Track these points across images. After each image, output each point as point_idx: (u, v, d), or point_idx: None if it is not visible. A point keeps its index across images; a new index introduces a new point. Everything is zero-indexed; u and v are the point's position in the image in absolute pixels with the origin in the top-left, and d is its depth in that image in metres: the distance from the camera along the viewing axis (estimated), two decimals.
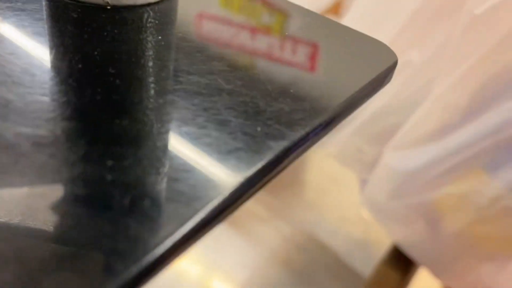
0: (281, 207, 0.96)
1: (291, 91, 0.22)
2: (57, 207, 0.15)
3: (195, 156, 0.18)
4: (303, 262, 0.88)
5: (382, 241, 0.94)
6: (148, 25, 0.26)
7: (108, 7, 0.26)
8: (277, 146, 0.19)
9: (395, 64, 0.27)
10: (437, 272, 0.58)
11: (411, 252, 0.60)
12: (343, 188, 1.03)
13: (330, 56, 0.26)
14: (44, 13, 0.25)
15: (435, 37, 0.48)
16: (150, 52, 0.23)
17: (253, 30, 0.26)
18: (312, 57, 0.25)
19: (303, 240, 0.90)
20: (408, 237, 0.58)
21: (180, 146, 0.18)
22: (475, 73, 0.44)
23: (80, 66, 0.21)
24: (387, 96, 0.54)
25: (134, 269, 0.13)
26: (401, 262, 0.85)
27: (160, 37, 0.25)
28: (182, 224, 0.15)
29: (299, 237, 0.91)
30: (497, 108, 0.43)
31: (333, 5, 0.85)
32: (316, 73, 0.24)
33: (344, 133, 0.61)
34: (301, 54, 0.25)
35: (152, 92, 0.21)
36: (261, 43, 0.26)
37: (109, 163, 0.16)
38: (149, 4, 0.27)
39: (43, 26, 0.24)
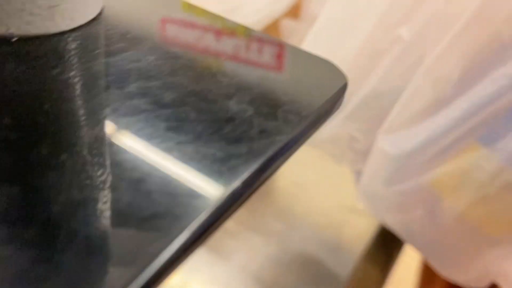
0: (250, 219, 0.93)
1: (225, 131, 0.19)
2: None
3: (105, 230, 0.14)
4: (276, 274, 0.85)
5: (355, 244, 0.93)
6: (64, 58, 0.22)
7: (13, 39, 0.22)
8: (205, 206, 0.16)
9: (345, 87, 0.24)
10: (440, 265, 0.56)
11: (413, 243, 0.57)
12: (312, 194, 1.01)
13: (270, 85, 0.23)
14: None
15: (424, 10, 0.46)
16: (61, 94, 0.20)
17: (181, 62, 0.23)
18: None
19: (275, 251, 0.88)
20: (408, 227, 0.55)
21: (87, 223, 0.15)
22: (463, 41, 0.42)
23: None
24: (378, 76, 0.51)
25: None
26: (379, 258, 0.84)
27: (74, 73, 0.21)
28: None
29: (270, 248, 0.88)
30: (491, 76, 0.41)
31: (292, 7, 0.83)
32: (254, 107, 0.21)
33: (336, 121, 0.58)
34: (238, 86, 0.22)
35: (54, 148, 0.17)
36: (193, 71, 0.23)
37: None
38: (64, 33, 0.24)
39: None
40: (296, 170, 1.05)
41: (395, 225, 0.57)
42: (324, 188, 1.00)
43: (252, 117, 0.20)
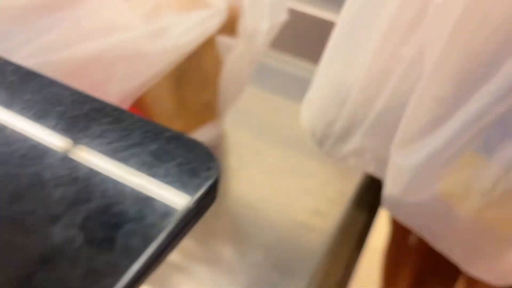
0: (196, 248, 0.89)
1: (37, 279, 0.15)
2: None
3: None
4: None
5: (308, 262, 0.91)
6: None
7: None
8: None
9: (216, 181, 0.20)
10: (467, 264, 0.58)
11: (441, 247, 0.60)
12: (261, 212, 0.98)
13: (115, 190, 0.18)
14: None
15: (421, 27, 0.49)
16: None
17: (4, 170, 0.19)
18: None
19: (224, 282, 0.84)
20: (432, 231, 0.59)
21: None
22: (451, 57, 0.44)
23: None
24: (387, 93, 0.54)
25: None
26: (334, 272, 0.83)
27: None
28: None
29: (219, 279, 0.84)
30: (480, 91, 0.44)
31: (228, 24, 0.79)
32: (86, 231, 0.17)
33: (355, 138, 0.61)
34: (72, 199, 0.18)
35: None
36: (17, 184, 0.18)
37: None
38: None
39: None
40: (243, 188, 1.01)
41: (421, 230, 0.60)
42: (274, 205, 0.96)
43: (81, 249, 0.16)
